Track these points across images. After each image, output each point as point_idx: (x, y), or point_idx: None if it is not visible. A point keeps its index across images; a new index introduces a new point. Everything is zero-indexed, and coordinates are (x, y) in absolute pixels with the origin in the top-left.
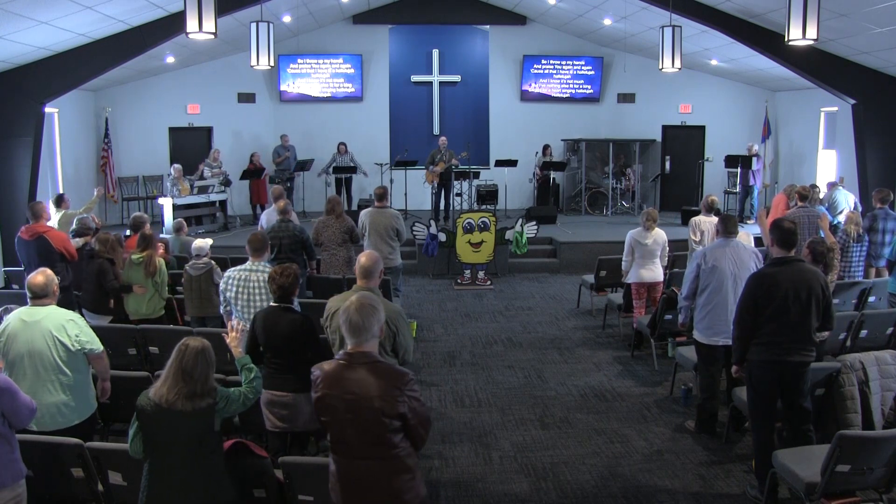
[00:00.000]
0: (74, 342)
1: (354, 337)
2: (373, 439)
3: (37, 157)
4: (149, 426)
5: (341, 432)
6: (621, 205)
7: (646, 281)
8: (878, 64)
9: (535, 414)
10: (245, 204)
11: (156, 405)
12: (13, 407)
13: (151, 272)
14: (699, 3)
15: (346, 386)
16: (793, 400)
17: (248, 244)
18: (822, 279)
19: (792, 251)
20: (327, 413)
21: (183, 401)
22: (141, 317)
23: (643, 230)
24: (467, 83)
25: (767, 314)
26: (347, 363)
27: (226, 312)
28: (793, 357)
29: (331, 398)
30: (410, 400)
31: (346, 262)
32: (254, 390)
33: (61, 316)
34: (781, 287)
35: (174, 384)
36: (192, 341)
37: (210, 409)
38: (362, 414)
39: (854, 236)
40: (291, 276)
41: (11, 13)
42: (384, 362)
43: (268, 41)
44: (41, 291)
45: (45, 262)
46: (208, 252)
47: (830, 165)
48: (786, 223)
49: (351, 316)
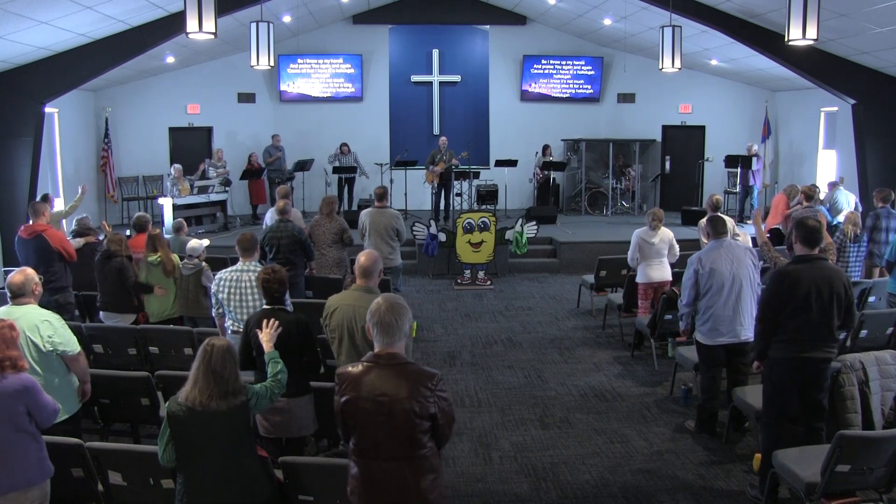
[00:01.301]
0: (46, 343)
1: (387, 337)
2: (403, 440)
3: (37, 157)
4: (183, 431)
5: (371, 435)
6: (621, 205)
7: (654, 281)
8: (878, 64)
9: (535, 414)
10: (245, 204)
11: (189, 409)
12: (37, 406)
13: (170, 270)
14: (699, 3)
15: (377, 387)
16: (812, 396)
17: (237, 244)
18: (845, 278)
19: (815, 249)
20: (355, 416)
21: (217, 401)
22: (166, 317)
23: (649, 229)
24: (467, 83)
25: (789, 311)
26: (376, 364)
27: (218, 315)
28: (815, 353)
29: (360, 401)
30: (440, 400)
31: (336, 262)
32: (279, 384)
33: (36, 316)
34: (804, 285)
35: (206, 386)
36: (217, 341)
37: (244, 406)
38: (394, 415)
39: (851, 236)
40: (280, 276)
41: (11, 13)
42: (413, 363)
43: (268, 41)
44: (19, 290)
45: (42, 261)
46: (202, 253)
47: (830, 165)
48: (810, 221)
49: (383, 316)
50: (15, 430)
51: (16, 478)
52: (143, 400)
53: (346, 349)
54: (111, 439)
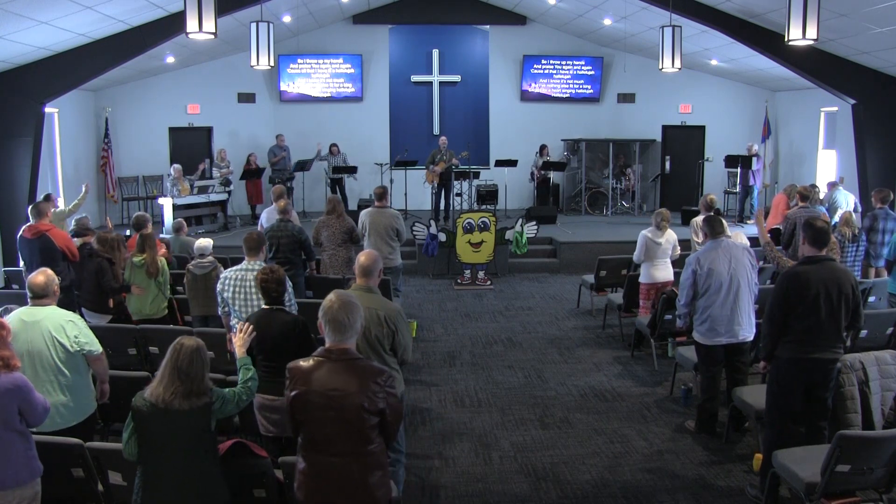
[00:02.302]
0: (73, 343)
1: (339, 334)
2: (352, 435)
3: (37, 157)
4: (144, 427)
5: (319, 430)
6: (621, 205)
7: (658, 281)
8: (878, 64)
9: (535, 414)
10: (245, 204)
11: (152, 405)
12: (29, 405)
13: (153, 273)
14: (699, 3)
15: (328, 382)
16: (818, 395)
17: (243, 243)
18: (853, 279)
19: (824, 250)
20: (304, 411)
21: (180, 400)
22: (144, 317)
23: (656, 230)
24: (467, 83)
25: (798, 312)
26: (327, 360)
27: (224, 313)
28: (822, 354)
29: (310, 395)
30: (389, 396)
31: (345, 262)
32: (248, 390)
33: (61, 316)
34: (812, 286)
35: (170, 383)
36: (187, 340)
37: (206, 408)
38: (344, 410)
39: (849, 237)
40: (279, 276)
41: (11, 13)
42: (363, 358)
43: (268, 41)
44: (41, 291)
45: (47, 260)
46: (212, 251)
47: (830, 165)
48: (818, 222)
49: (335, 314)
50: (5, 429)
51: (5, 476)
52: None
53: None
54: (111, 439)
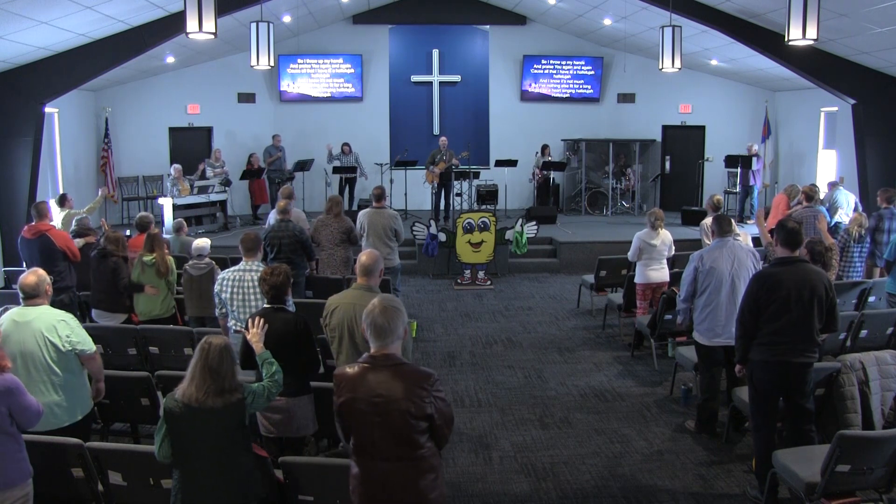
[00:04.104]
0: (65, 342)
1: (380, 339)
2: (400, 440)
3: (37, 157)
4: (179, 428)
5: (368, 435)
6: (621, 205)
7: (653, 282)
8: (878, 64)
9: (535, 414)
10: (245, 204)
11: (185, 406)
12: (20, 407)
13: (164, 272)
14: (699, 3)
15: (373, 388)
16: (795, 400)
17: (240, 244)
18: (826, 280)
19: (796, 251)
20: (352, 417)
21: (213, 398)
22: (153, 317)
23: (651, 230)
24: (467, 83)
25: (769, 314)
26: (372, 366)
27: (221, 314)
28: (795, 358)
29: (357, 402)
30: (436, 400)
31: (343, 262)
32: (276, 384)
33: (53, 316)
34: (784, 287)
35: (202, 382)
36: (215, 339)
37: (240, 404)
38: (390, 416)
39: (855, 236)
40: (282, 275)
41: (11, 13)
42: (409, 364)
43: (268, 41)
44: (33, 291)
45: (47, 261)
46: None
47: (830, 165)
48: (790, 223)
49: (376, 318)
50: None
51: None
52: (142, 400)
53: (346, 348)
54: (111, 439)
